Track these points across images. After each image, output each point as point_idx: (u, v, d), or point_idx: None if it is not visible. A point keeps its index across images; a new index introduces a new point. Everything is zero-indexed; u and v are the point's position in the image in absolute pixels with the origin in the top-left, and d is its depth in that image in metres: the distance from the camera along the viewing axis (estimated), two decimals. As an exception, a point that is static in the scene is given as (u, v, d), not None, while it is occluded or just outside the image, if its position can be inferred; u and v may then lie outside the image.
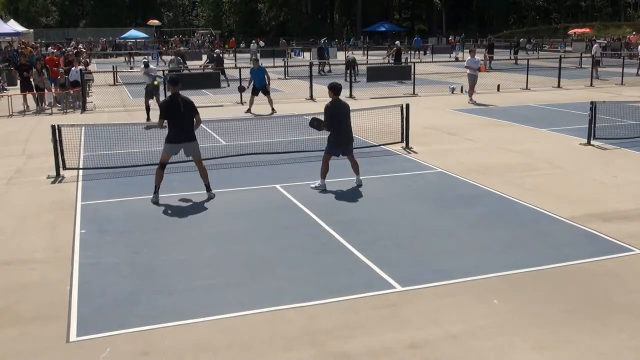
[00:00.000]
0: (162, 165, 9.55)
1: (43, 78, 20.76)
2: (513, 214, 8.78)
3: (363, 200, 9.50)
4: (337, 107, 9.94)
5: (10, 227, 8.46)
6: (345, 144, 10.04)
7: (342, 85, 10.31)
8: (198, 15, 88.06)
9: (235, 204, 9.36)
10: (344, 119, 9.97)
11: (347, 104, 10.20)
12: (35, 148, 13.74)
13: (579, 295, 6.17)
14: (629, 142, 13.41)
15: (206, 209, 9.19)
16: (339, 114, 9.90)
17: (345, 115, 9.98)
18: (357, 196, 9.74)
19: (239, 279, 6.64)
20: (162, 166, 9.55)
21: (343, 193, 9.89)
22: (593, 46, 32.83)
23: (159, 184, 9.52)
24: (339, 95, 10.01)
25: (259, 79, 18.48)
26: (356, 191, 9.98)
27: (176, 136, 9.41)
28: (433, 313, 5.80)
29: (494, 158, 12.30)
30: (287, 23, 78.33)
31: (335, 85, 10.02)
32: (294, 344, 5.28)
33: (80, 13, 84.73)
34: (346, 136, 10.01)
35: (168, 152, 9.52)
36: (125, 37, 60.83)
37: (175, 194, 9.87)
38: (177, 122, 9.36)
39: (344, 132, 9.97)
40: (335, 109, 9.92)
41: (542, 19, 79.42)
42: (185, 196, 9.77)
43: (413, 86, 23.75)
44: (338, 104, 9.96)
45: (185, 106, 9.36)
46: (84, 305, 6.02)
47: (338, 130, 9.93)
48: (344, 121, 9.97)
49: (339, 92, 10.00)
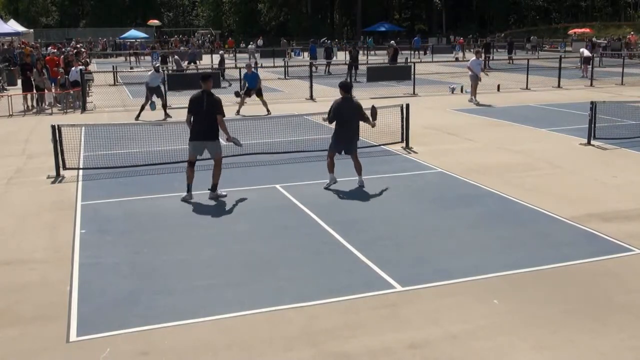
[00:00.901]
0: (190, 164, 9.53)
1: (43, 78, 20.76)
2: (513, 214, 8.78)
3: (363, 200, 9.50)
4: (344, 105, 9.92)
5: (10, 227, 8.45)
6: (346, 143, 10.00)
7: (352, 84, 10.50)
8: (198, 15, 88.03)
9: (235, 204, 9.36)
10: (349, 117, 9.92)
11: (357, 103, 10.10)
12: (35, 148, 13.74)
13: (579, 295, 6.17)
14: (629, 142, 13.42)
15: (206, 209, 9.18)
16: (345, 112, 9.88)
17: (350, 114, 9.92)
18: (357, 196, 9.73)
19: (239, 279, 6.64)
20: (191, 164, 9.53)
21: (343, 193, 9.89)
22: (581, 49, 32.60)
23: (190, 183, 9.51)
24: (348, 93, 10.03)
25: (251, 82, 18.52)
26: (356, 191, 9.98)
27: (197, 134, 9.38)
28: (433, 313, 5.80)
29: (494, 158, 12.30)
30: (287, 23, 78.31)
31: (344, 84, 10.17)
32: (294, 344, 5.28)
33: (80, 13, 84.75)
34: (348, 135, 9.97)
35: (192, 150, 9.50)
36: (125, 37, 60.81)
37: (176, 194, 9.86)
38: (198, 118, 9.34)
39: (345, 130, 9.93)
40: (341, 107, 9.90)
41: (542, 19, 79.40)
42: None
43: (413, 86, 23.74)
44: (345, 102, 9.94)
45: (209, 103, 9.27)
46: (84, 305, 6.02)
47: (339, 128, 9.94)
48: (349, 120, 9.91)
49: (348, 91, 10.05)
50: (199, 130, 9.35)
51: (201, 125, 9.32)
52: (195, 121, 9.37)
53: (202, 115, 9.29)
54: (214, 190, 9.59)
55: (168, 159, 12.25)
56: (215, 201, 9.46)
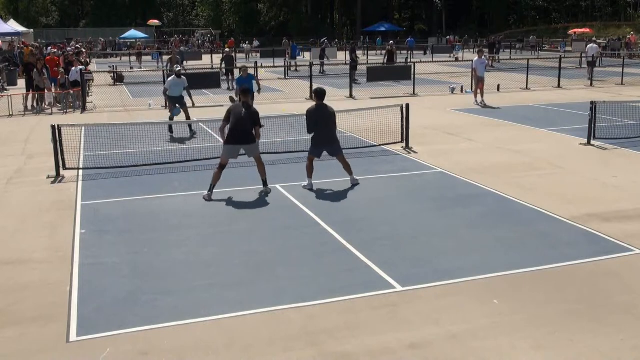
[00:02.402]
0: (221, 167, 9.65)
1: (43, 78, 20.75)
2: (513, 214, 8.78)
3: (363, 200, 9.50)
4: (318, 113, 9.84)
5: (10, 227, 8.45)
6: (326, 145, 9.96)
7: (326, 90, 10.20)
8: (198, 15, 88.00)
9: (235, 204, 9.36)
10: (325, 125, 9.85)
11: (331, 110, 9.97)
12: (35, 148, 13.74)
13: (579, 295, 6.17)
14: (629, 142, 13.42)
15: (206, 209, 9.18)
16: (320, 121, 9.82)
17: (326, 122, 9.84)
18: (357, 196, 9.73)
19: (239, 279, 6.64)
20: (222, 167, 9.66)
21: (343, 193, 9.89)
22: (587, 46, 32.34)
23: (215, 183, 9.61)
24: (322, 100, 9.89)
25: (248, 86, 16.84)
26: (356, 191, 9.98)
27: (235, 138, 9.54)
28: (433, 313, 5.80)
29: (494, 158, 12.30)
30: (287, 23, 78.33)
31: (318, 91, 9.99)
32: (293, 344, 5.28)
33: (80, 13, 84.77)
34: (327, 137, 9.91)
35: (227, 153, 9.65)
36: (125, 37, 60.77)
37: (176, 194, 9.87)
38: (237, 124, 9.49)
39: (323, 134, 9.88)
40: (316, 114, 9.83)
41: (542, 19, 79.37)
42: (186, 196, 9.77)
43: (413, 86, 23.75)
44: (319, 110, 9.85)
45: (247, 112, 9.53)
46: (84, 305, 6.02)
47: (317, 133, 9.90)
48: (324, 126, 9.85)
49: (322, 98, 9.89)
50: (237, 134, 9.53)
51: (238, 130, 9.51)
52: (234, 126, 9.52)
53: (240, 122, 9.50)
54: (265, 185, 9.87)
55: (168, 159, 12.27)
56: (215, 201, 9.45)
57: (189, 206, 9.30)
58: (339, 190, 10.01)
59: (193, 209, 9.15)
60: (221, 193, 9.79)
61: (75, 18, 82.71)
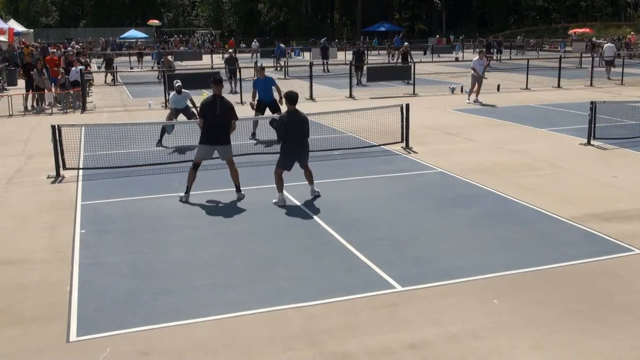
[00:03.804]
0: (195, 166, 9.54)
1: (43, 78, 20.75)
2: (513, 214, 8.78)
3: (363, 200, 9.50)
4: (291, 119, 9.12)
5: (10, 227, 8.45)
6: (298, 154, 9.28)
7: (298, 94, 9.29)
8: (198, 15, 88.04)
9: (235, 204, 9.36)
10: (299, 133, 9.14)
11: (304, 117, 9.23)
12: (35, 148, 13.74)
13: (579, 295, 6.17)
14: (629, 142, 13.42)
15: (206, 209, 9.19)
16: (291, 127, 9.09)
17: (298, 130, 9.13)
18: (356, 196, 9.73)
19: (239, 279, 6.64)
20: (195, 167, 9.54)
21: (343, 193, 9.89)
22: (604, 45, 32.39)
23: (191, 185, 9.51)
24: (294, 105, 9.15)
25: (265, 92, 14.21)
26: (356, 191, 9.98)
27: (209, 137, 9.38)
28: (433, 313, 5.80)
29: (494, 158, 12.30)
30: (287, 23, 78.35)
31: (290, 95, 9.19)
32: (294, 344, 5.28)
33: (80, 13, 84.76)
34: (300, 147, 9.25)
35: (202, 153, 9.52)
36: (125, 37, 60.75)
37: (176, 194, 9.86)
38: (210, 123, 9.31)
39: (295, 143, 9.17)
40: (289, 121, 9.11)
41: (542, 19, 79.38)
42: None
43: (413, 86, 23.75)
44: (292, 116, 9.13)
45: (222, 108, 9.29)
46: (84, 305, 6.02)
47: (290, 142, 9.16)
48: (298, 135, 9.14)
49: (294, 102, 9.13)
50: (212, 134, 9.37)
51: (214, 129, 9.32)
52: (207, 125, 9.35)
53: (215, 120, 9.29)
54: (238, 190, 9.64)
55: (168, 159, 12.27)
56: (215, 201, 9.45)
57: (189, 206, 9.30)
58: (338, 190, 10.01)
59: (193, 209, 9.15)
60: (221, 193, 9.79)
61: (75, 18, 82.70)
